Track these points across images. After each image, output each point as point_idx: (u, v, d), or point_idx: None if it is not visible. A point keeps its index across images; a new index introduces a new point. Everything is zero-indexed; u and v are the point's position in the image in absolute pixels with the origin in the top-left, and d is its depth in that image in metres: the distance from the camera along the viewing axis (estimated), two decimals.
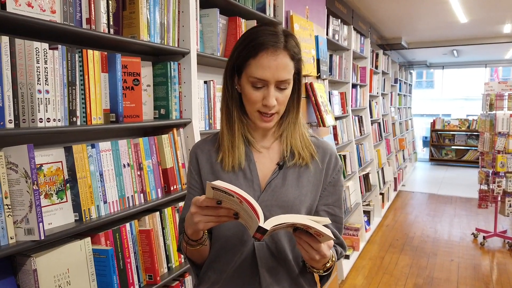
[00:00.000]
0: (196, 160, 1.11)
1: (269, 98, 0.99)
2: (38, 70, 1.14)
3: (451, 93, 14.93)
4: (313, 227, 0.83)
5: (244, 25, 2.19)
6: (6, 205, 1.06)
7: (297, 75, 1.06)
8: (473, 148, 9.99)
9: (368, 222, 4.70)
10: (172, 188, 1.68)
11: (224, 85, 1.09)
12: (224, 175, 1.06)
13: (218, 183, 0.81)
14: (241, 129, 1.07)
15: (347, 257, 3.84)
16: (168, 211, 1.65)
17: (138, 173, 1.52)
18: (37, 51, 1.13)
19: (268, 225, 0.81)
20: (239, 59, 1.02)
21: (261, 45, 0.99)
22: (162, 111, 1.72)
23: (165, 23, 1.66)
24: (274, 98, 1.00)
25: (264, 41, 0.99)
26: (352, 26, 4.39)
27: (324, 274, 1.02)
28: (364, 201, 4.72)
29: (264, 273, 1.02)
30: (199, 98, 1.88)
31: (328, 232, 0.84)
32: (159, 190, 1.62)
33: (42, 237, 1.09)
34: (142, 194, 1.53)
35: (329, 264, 0.99)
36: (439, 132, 10.52)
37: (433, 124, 10.61)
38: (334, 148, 1.16)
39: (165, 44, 1.66)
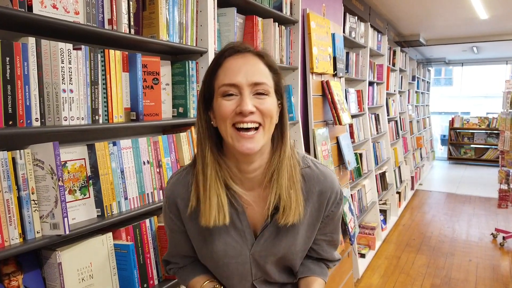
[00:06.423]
0: (177, 211, 1.02)
1: (243, 103, 0.83)
2: (63, 70, 1.17)
3: (471, 91, 14.61)
4: None
5: (260, 24, 2.20)
6: (33, 200, 1.10)
7: (279, 97, 0.92)
8: (493, 146, 9.77)
9: (385, 221, 4.67)
10: None
11: (197, 121, 0.94)
12: (213, 229, 0.96)
13: None
14: (219, 172, 0.91)
15: (363, 256, 3.82)
16: None
17: (157, 170, 1.55)
18: (61, 52, 1.17)
19: None
20: (207, 81, 0.92)
21: (225, 53, 0.90)
22: (180, 110, 1.75)
23: (184, 22, 1.69)
24: (251, 103, 0.84)
25: (228, 49, 0.91)
26: (369, 23, 4.35)
27: None
28: (381, 200, 4.68)
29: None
30: None
31: None
32: None
33: (67, 232, 1.12)
34: (161, 191, 1.56)
35: None
36: (457, 130, 10.32)
37: (451, 122, 10.42)
38: (335, 181, 0.99)
39: (184, 43, 1.69)
